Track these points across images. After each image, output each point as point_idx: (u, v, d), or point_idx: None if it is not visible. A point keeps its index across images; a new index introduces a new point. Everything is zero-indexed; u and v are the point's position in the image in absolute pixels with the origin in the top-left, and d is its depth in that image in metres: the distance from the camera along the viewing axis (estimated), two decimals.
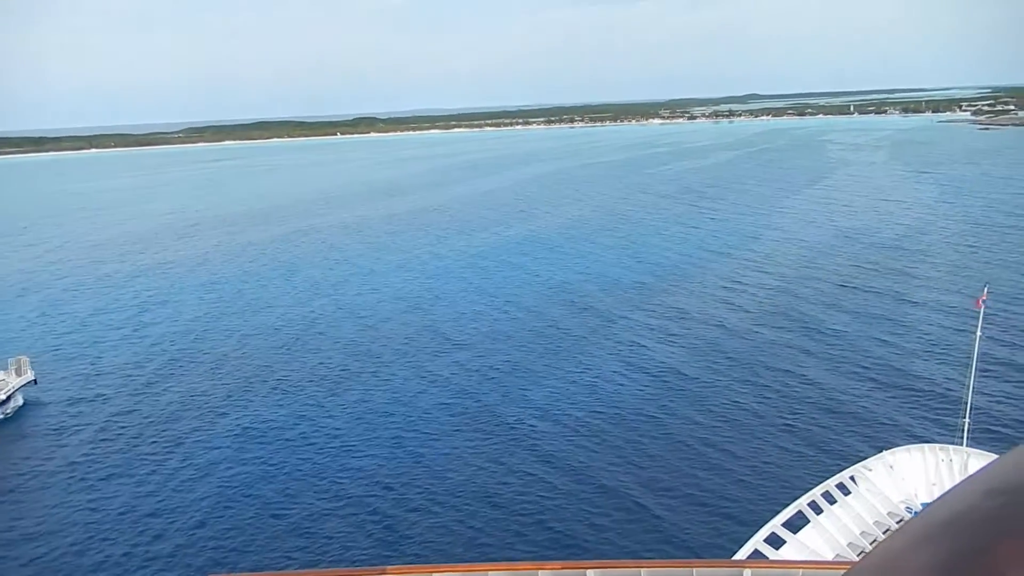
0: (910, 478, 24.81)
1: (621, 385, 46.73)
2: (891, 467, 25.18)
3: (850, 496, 23.43)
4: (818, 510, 22.46)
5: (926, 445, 26.62)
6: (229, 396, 48.44)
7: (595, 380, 47.71)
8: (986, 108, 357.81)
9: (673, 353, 51.51)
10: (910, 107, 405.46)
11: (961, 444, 27.11)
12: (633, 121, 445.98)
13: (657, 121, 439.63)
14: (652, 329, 56.95)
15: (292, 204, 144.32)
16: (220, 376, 52.18)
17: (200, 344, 59.46)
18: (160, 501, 35.74)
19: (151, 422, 44.88)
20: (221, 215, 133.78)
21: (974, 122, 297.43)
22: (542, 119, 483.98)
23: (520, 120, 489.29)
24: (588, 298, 66.00)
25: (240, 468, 38.75)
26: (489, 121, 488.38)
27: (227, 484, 37.09)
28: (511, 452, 38.76)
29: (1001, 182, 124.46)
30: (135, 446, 41.86)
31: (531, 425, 41.70)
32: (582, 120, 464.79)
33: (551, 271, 77.10)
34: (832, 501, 22.95)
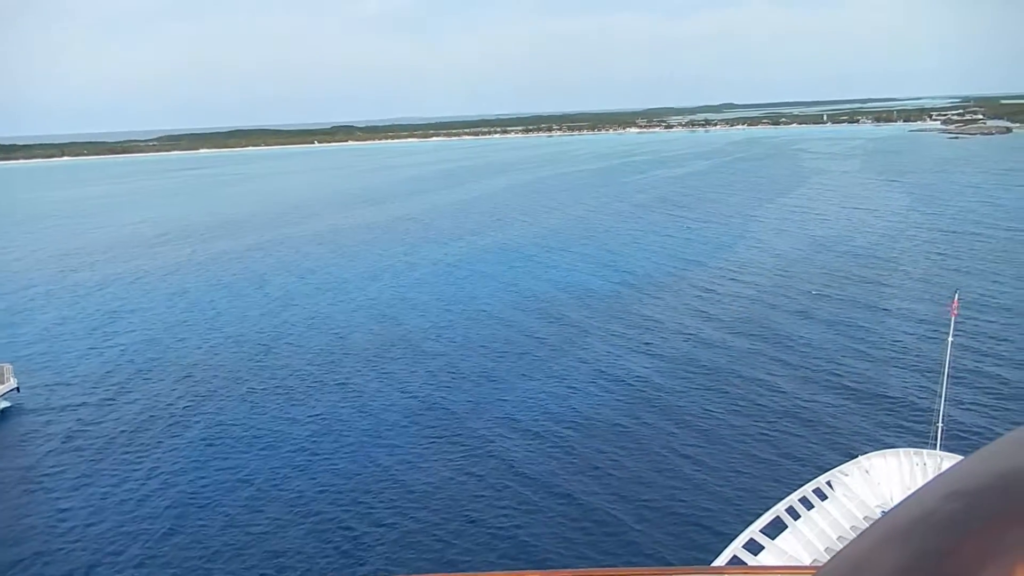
0: (886, 482, 25.06)
1: (594, 395, 46.54)
2: (867, 472, 25.43)
3: (827, 501, 23.61)
4: (796, 515, 22.59)
5: (901, 450, 26.92)
6: (197, 407, 47.73)
7: (568, 391, 47.47)
8: (956, 117, 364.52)
9: (647, 363, 51.45)
10: (882, 116, 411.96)
11: (935, 448, 27.48)
12: (610, 130, 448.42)
13: (634, 130, 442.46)
14: (625, 339, 56.85)
15: (265, 213, 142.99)
16: (190, 386, 51.43)
17: (171, 354, 58.58)
18: (128, 510, 35.14)
19: (124, 431, 44.21)
20: (193, 224, 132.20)
21: (944, 131, 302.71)
22: (520, 128, 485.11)
23: (498, 129, 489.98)
24: (562, 308, 65.82)
25: (208, 479, 38.13)
26: (467, 130, 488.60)
27: (193, 495, 36.47)
28: (482, 464, 38.42)
29: (970, 190, 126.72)
30: (108, 455, 41.24)
31: (503, 436, 41.36)
32: (560, 129, 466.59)
33: (525, 281, 76.83)
34: (810, 506, 23.11)
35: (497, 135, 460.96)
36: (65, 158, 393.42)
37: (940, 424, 29.35)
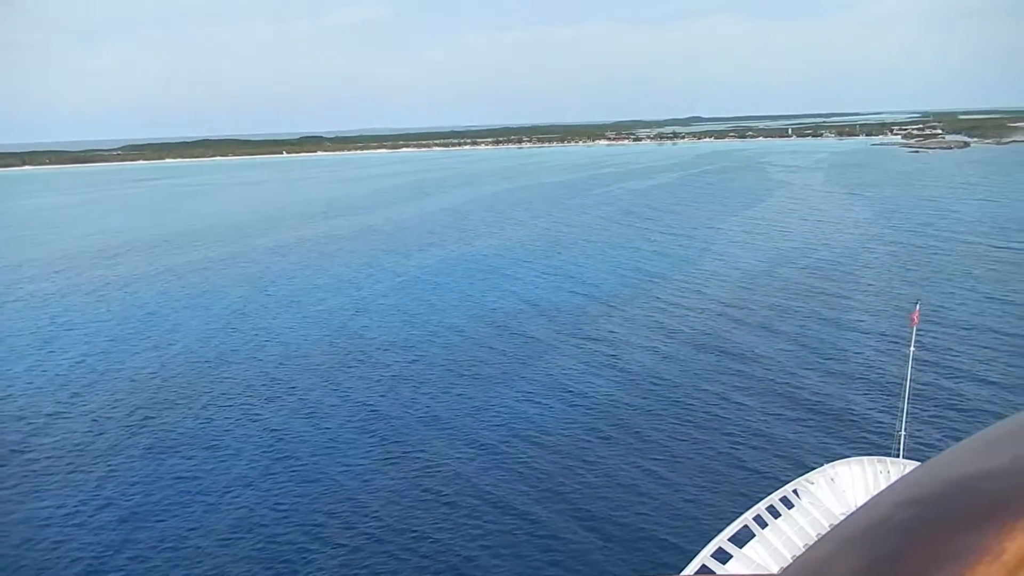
0: (850, 490, 25.40)
1: (557, 410, 46.25)
2: (832, 480, 25.77)
3: (794, 509, 23.86)
4: (763, 524, 22.80)
5: (865, 458, 27.32)
6: (148, 421, 46.85)
7: (531, 406, 47.17)
8: (916, 132, 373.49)
9: (610, 377, 51.34)
10: (845, 131, 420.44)
11: (898, 456, 27.99)
12: (580, 142, 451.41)
13: (603, 142, 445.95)
14: (589, 353, 56.69)
15: (229, 224, 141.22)
16: (140, 400, 50.55)
17: (123, 367, 57.57)
18: (74, 526, 34.39)
19: (71, 446, 43.35)
20: (154, 235, 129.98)
21: (905, 145, 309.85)
22: (490, 139, 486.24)
23: (468, 140, 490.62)
24: (526, 322, 65.48)
25: (158, 494, 37.39)
26: (438, 141, 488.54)
27: (141, 511, 35.75)
28: (440, 480, 37.94)
29: (930, 203, 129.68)
30: (55, 469, 40.27)
31: (462, 452, 40.94)
32: (530, 141, 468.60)
33: (489, 294, 76.24)
34: (777, 515, 23.33)
35: (467, 146, 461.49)
36: (27, 167, 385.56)
37: (902, 432, 29.92)
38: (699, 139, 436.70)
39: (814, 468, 26.89)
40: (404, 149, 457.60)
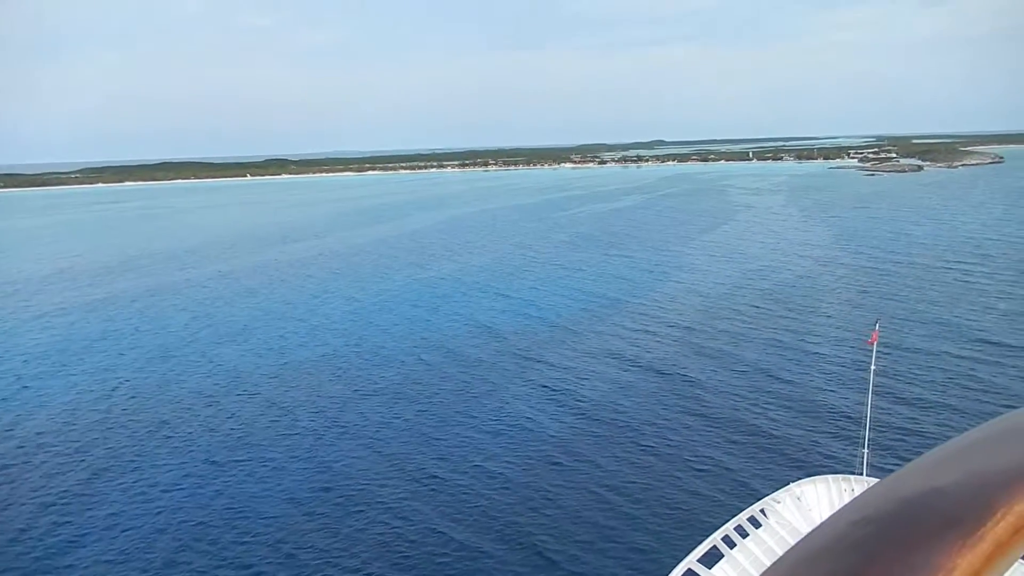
0: (816, 508, 25.60)
1: (522, 434, 45.97)
2: (798, 498, 25.95)
3: (761, 529, 23.95)
4: (731, 544, 22.84)
5: (830, 476, 27.58)
6: (117, 452, 45.39)
7: (497, 430, 46.74)
8: (871, 156, 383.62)
9: (569, 405, 50.95)
10: (804, 154, 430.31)
11: (862, 473, 28.34)
12: (545, 165, 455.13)
13: (568, 165, 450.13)
14: (554, 376, 56.50)
15: (189, 248, 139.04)
16: (109, 430, 48.99)
17: (82, 395, 55.91)
18: (36, 560, 33.14)
19: (27, 483, 41.70)
20: (110, 260, 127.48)
21: (861, 168, 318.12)
22: (456, 162, 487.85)
23: (435, 163, 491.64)
24: (482, 348, 64.74)
25: (125, 528, 36.19)
26: (403, 164, 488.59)
27: (108, 546, 34.56)
28: (416, 503, 37.43)
29: (886, 225, 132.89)
30: (7, 506, 38.89)
31: (430, 478, 40.38)
32: (496, 164, 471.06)
33: (448, 320, 75.49)
34: (744, 535, 23.39)
35: (434, 169, 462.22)
36: None
37: (865, 450, 30.34)
38: (662, 162, 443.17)
39: (780, 487, 27.06)
40: (370, 172, 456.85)
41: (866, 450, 30.35)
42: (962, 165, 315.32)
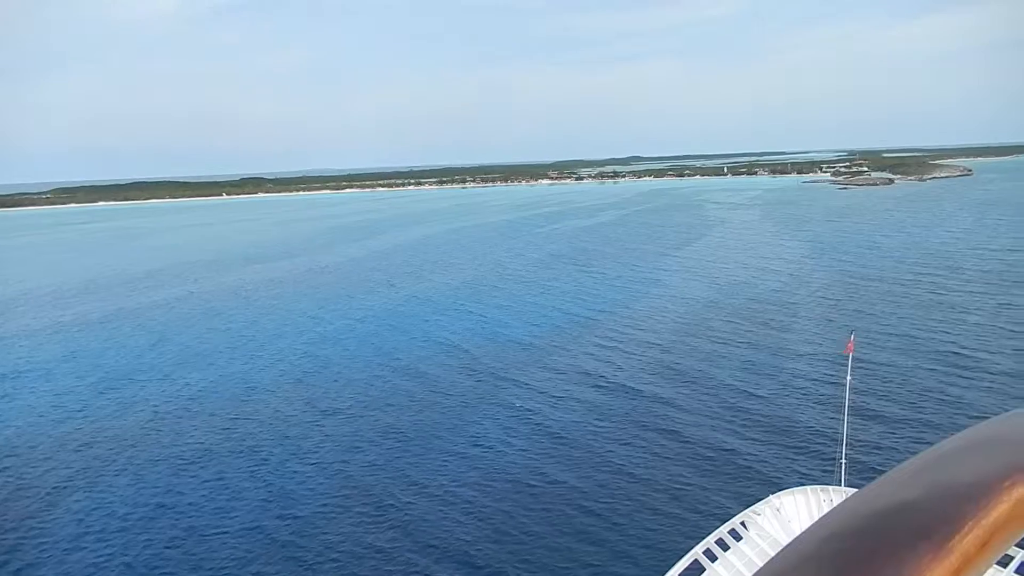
0: (796, 520, 25.74)
1: (498, 451, 45.60)
2: (778, 510, 26.09)
3: (742, 542, 24.03)
4: (713, 558, 22.89)
5: (808, 487, 27.77)
6: (73, 478, 44.47)
7: (473, 448, 46.36)
8: (843, 170, 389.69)
9: (552, 417, 50.90)
10: (777, 169, 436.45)
11: (840, 484, 28.55)
12: (523, 182, 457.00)
13: (546, 182, 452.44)
14: (532, 392, 56.23)
15: (164, 269, 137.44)
16: (68, 455, 48.00)
17: (46, 420, 54.79)
18: None
19: None
20: (81, 281, 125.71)
21: (833, 182, 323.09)
22: (434, 180, 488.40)
23: (412, 181, 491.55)
24: (469, 362, 64.67)
25: (75, 555, 35.41)
26: (381, 182, 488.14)
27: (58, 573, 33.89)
28: (383, 529, 36.80)
29: (859, 237, 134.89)
30: None
31: (404, 499, 39.83)
32: (474, 181, 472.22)
33: (433, 335, 75.25)
34: (726, 548, 23.46)
35: (412, 187, 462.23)
36: None
37: (843, 460, 30.58)
38: (639, 178, 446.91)
39: (761, 499, 27.17)
40: (348, 190, 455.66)
41: (844, 460, 30.59)
42: (932, 178, 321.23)
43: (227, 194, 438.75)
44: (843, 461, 30.47)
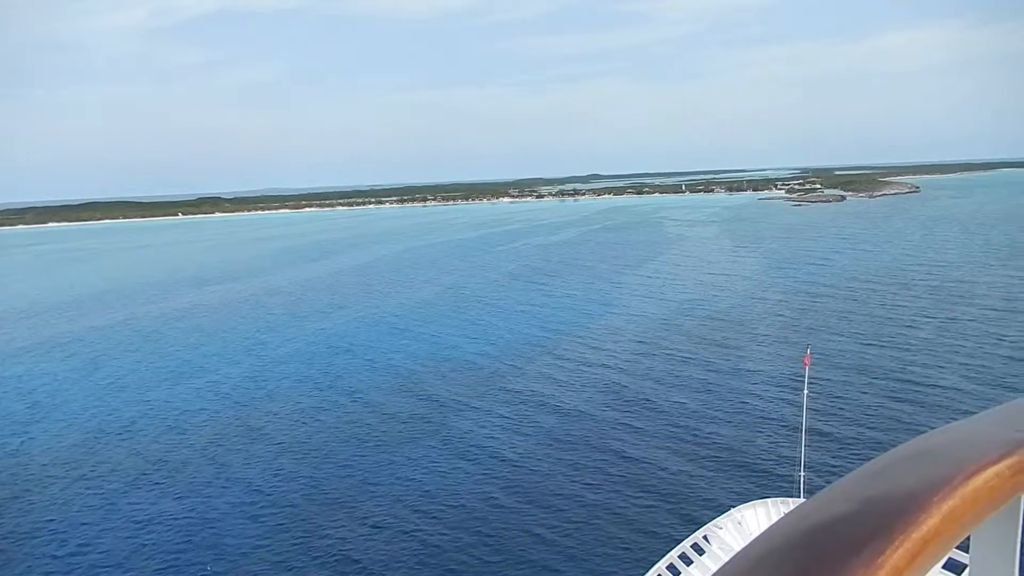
0: (756, 532, 26.06)
1: (451, 477, 44.83)
2: (739, 523, 26.47)
3: (704, 555, 24.30)
4: (676, 572, 23.10)
5: (769, 500, 28.23)
6: (31, 507, 42.97)
7: (424, 473, 45.30)
8: (797, 187, 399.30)
9: (503, 440, 50.30)
10: (734, 186, 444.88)
11: (799, 496, 29.08)
12: (484, 200, 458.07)
13: (507, 200, 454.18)
14: (487, 415, 55.51)
15: (113, 290, 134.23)
16: (26, 480, 46.50)
17: (5, 448, 52.94)
18: None
19: None
20: (24, 304, 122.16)
21: (788, 199, 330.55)
22: (395, 198, 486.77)
23: (372, 200, 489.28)
24: (424, 385, 63.66)
25: None
26: (341, 200, 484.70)
27: None
28: (329, 563, 35.64)
29: (813, 254, 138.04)
30: None
31: (351, 529, 38.67)
32: (435, 199, 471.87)
33: (388, 357, 73.92)
34: (689, 562, 23.69)
35: (372, 205, 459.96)
36: None
37: (802, 472, 31.19)
38: (599, 196, 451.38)
39: (723, 513, 27.53)
40: (307, 209, 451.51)
41: (803, 472, 31.20)
42: (882, 195, 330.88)
43: (183, 214, 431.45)
44: (801, 473, 31.07)
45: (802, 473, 31.14)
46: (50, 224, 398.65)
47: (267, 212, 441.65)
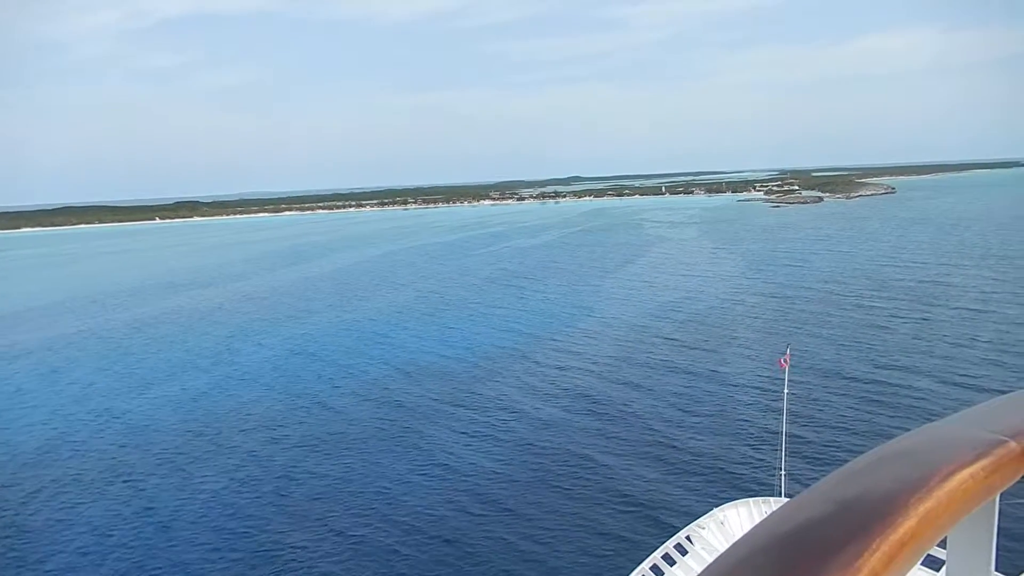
0: (739, 532, 26.27)
1: (433, 477, 44.56)
2: (722, 523, 26.58)
3: (688, 556, 24.35)
4: (660, 573, 23.14)
5: (751, 499, 28.38)
6: None
7: (391, 482, 44.48)
8: (775, 189, 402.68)
9: (484, 445, 49.84)
10: (713, 188, 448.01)
11: (780, 495, 29.29)
12: (465, 202, 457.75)
13: (488, 202, 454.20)
14: (462, 420, 54.86)
15: (84, 297, 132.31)
16: None
17: None
18: None
19: None
20: None
21: (766, 201, 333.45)
22: (376, 201, 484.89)
23: (353, 203, 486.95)
24: (398, 392, 62.63)
25: None
26: (321, 204, 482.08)
27: None
28: (328, 561, 35.32)
29: (791, 254, 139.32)
30: None
31: (313, 539, 37.78)
32: (416, 202, 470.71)
33: (364, 364, 72.87)
34: (672, 563, 23.75)
35: (352, 209, 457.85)
36: None
37: (782, 472, 31.42)
38: (579, 198, 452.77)
39: (705, 513, 27.66)
40: (287, 212, 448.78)
41: (783, 471, 31.42)
42: (858, 196, 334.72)
43: (160, 218, 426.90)
44: (782, 472, 31.29)
45: (783, 472, 31.37)
46: (23, 229, 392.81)
47: (246, 216, 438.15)
